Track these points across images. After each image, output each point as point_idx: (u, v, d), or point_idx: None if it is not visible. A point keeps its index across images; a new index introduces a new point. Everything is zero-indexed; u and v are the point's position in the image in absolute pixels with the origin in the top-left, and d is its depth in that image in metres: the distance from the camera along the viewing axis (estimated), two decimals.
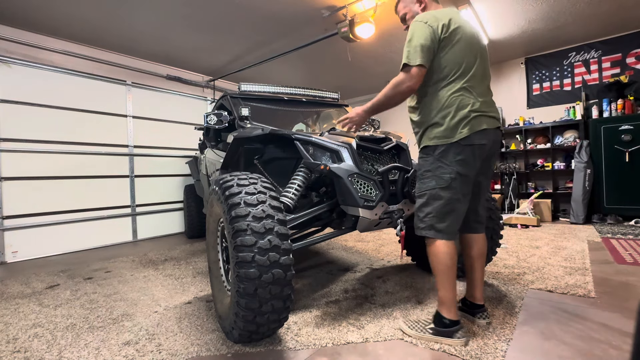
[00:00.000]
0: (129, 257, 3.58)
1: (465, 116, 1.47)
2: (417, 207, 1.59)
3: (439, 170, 1.51)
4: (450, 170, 1.49)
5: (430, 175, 1.53)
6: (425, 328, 1.56)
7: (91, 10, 3.51)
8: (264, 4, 3.49)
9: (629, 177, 4.24)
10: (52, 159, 3.96)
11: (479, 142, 1.50)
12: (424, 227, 1.55)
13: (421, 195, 1.57)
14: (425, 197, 1.54)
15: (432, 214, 1.52)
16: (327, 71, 5.77)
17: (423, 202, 1.56)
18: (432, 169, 1.53)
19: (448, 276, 1.50)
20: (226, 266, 1.78)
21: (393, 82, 1.52)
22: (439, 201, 1.51)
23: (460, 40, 1.51)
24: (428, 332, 1.53)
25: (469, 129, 1.47)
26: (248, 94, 2.99)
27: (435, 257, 1.53)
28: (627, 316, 1.70)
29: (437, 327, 1.52)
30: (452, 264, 1.50)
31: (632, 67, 4.65)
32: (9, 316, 2.05)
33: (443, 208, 1.51)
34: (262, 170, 2.31)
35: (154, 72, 4.98)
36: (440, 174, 1.51)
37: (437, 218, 1.52)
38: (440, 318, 1.52)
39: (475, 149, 1.50)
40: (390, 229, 4.28)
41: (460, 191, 1.51)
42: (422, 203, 1.56)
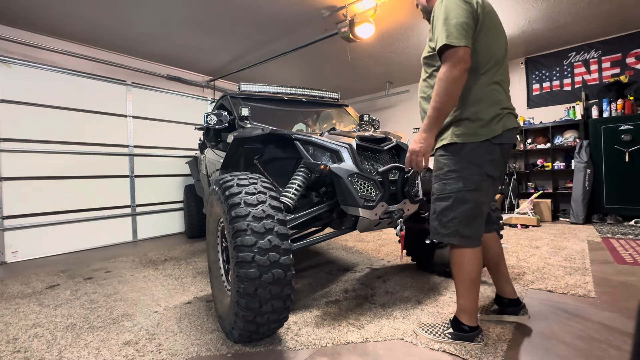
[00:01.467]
0: (129, 257, 3.58)
1: (498, 113, 1.36)
2: (439, 211, 1.43)
3: (466, 170, 1.37)
4: (480, 171, 1.37)
5: (456, 176, 1.38)
6: (443, 333, 1.50)
7: (91, 10, 3.51)
8: (264, 4, 3.49)
9: (629, 177, 4.24)
10: (52, 159, 3.96)
11: (509, 141, 1.40)
12: (448, 233, 1.41)
13: (444, 197, 1.42)
14: (450, 200, 1.39)
15: (458, 219, 1.39)
16: (327, 71, 5.77)
17: (447, 205, 1.40)
18: (458, 169, 1.38)
19: (472, 287, 1.43)
20: (226, 266, 1.78)
21: (442, 76, 1.28)
22: (467, 205, 1.38)
23: (491, 27, 1.37)
24: (447, 337, 1.48)
25: (502, 127, 1.36)
26: (248, 94, 2.99)
27: (460, 266, 1.43)
28: (627, 316, 1.70)
29: (457, 333, 1.47)
30: (477, 274, 1.42)
31: (632, 67, 4.65)
32: (9, 316, 2.05)
33: (471, 212, 1.38)
34: (262, 170, 2.31)
35: (154, 72, 4.98)
36: (468, 174, 1.37)
37: (463, 223, 1.39)
38: (459, 324, 1.47)
39: (504, 148, 1.41)
40: (390, 229, 4.28)
41: (487, 193, 1.42)
42: (445, 206, 1.41)
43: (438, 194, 1.45)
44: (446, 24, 1.28)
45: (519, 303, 1.66)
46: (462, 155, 1.38)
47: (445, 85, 1.27)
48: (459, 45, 1.25)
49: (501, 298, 1.70)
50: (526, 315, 1.65)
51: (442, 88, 1.28)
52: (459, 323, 1.48)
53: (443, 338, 1.49)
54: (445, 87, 1.28)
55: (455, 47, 1.26)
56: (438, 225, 1.45)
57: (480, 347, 1.45)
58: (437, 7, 1.35)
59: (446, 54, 1.28)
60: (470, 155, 1.37)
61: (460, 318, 1.48)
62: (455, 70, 1.26)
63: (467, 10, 1.29)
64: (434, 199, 1.47)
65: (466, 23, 1.28)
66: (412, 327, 1.62)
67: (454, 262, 1.47)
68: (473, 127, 1.36)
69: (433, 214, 1.48)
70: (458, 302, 1.49)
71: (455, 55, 1.26)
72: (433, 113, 1.32)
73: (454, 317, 1.52)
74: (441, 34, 1.28)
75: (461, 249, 1.43)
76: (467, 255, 1.42)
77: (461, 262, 1.43)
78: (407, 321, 1.75)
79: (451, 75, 1.26)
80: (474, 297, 1.45)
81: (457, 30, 1.26)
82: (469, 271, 1.42)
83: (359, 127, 3.09)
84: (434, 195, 1.48)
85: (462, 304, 1.47)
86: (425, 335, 1.54)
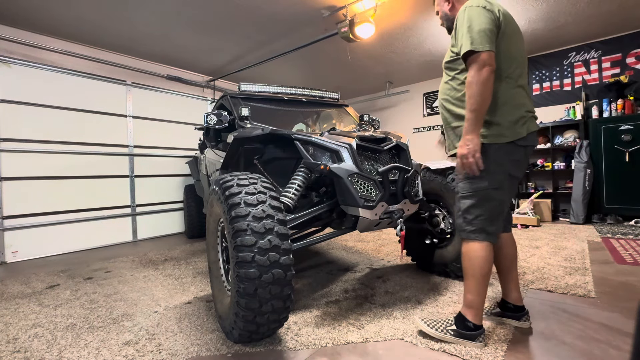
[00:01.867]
0: (129, 257, 3.58)
1: (523, 116, 1.44)
2: (464, 209, 1.49)
3: (491, 170, 1.43)
4: (504, 170, 1.44)
5: (483, 174, 1.43)
6: (446, 329, 1.51)
7: (91, 11, 3.51)
8: (264, 4, 3.49)
9: (629, 177, 4.24)
10: (52, 159, 3.96)
11: (532, 143, 1.48)
12: (474, 229, 1.46)
13: (469, 195, 1.47)
14: (476, 198, 1.45)
15: (484, 217, 1.45)
16: (327, 71, 5.77)
17: (472, 203, 1.46)
18: (484, 169, 1.43)
19: (483, 282, 1.46)
20: (226, 266, 1.78)
21: (472, 79, 1.35)
22: (492, 203, 1.45)
23: (513, 33, 1.44)
24: (449, 334, 1.50)
25: (526, 130, 1.44)
26: (248, 94, 2.99)
27: (473, 261, 1.46)
28: (627, 316, 1.70)
29: (460, 330, 1.48)
30: (489, 269, 1.47)
31: (632, 67, 4.65)
32: (9, 316, 2.05)
33: (495, 210, 1.45)
34: (262, 170, 2.31)
35: (154, 72, 4.98)
36: (493, 174, 1.43)
37: (488, 221, 1.45)
38: (464, 321, 1.48)
39: (527, 150, 1.49)
40: (390, 229, 4.28)
41: (509, 192, 1.49)
42: (471, 204, 1.46)
43: (463, 192, 1.49)
44: (470, 31, 1.36)
45: (523, 309, 1.66)
46: (487, 156, 1.42)
47: (476, 87, 1.34)
48: (482, 50, 1.33)
49: (506, 303, 1.69)
50: (528, 322, 1.64)
51: (474, 90, 1.35)
52: (464, 320, 1.48)
53: (445, 334, 1.50)
54: (476, 89, 1.34)
55: (479, 52, 1.33)
56: (463, 223, 1.50)
57: (480, 347, 1.45)
58: (460, 15, 1.43)
59: (471, 59, 1.36)
60: (496, 155, 1.43)
61: (466, 314, 1.48)
62: (482, 72, 1.33)
63: (489, 17, 1.37)
64: (459, 197, 1.52)
65: (489, 30, 1.35)
66: (415, 321, 1.61)
67: (467, 257, 1.48)
68: (499, 129, 1.42)
69: (458, 212, 1.53)
70: (466, 297, 1.50)
71: (480, 59, 1.34)
72: (471, 115, 1.37)
73: (458, 314, 1.53)
74: (466, 41, 1.37)
75: (476, 244, 1.46)
76: (481, 250, 1.46)
77: (474, 257, 1.46)
78: (407, 321, 1.75)
79: (480, 77, 1.33)
80: (482, 292, 1.47)
81: (481, 37, 1.34)
82: (481, 265, 1.45)
83: (359, 127, 3.09)
84: (458, 193, 1.52)
85: (470, 300, 1.48)
86: (428, 328, 1.54)
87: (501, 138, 1.42)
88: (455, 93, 1.53)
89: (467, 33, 1.36)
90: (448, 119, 1.58)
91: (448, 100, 1.57)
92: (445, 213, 2.41)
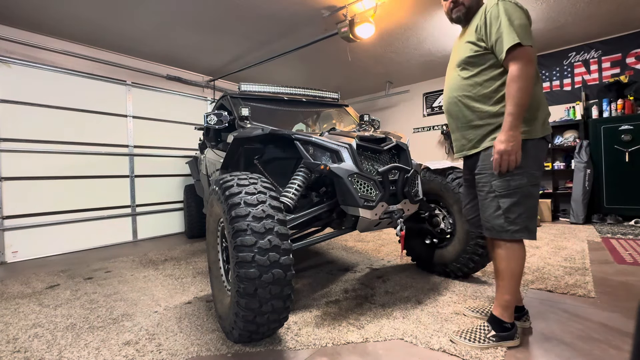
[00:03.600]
0: (129, 257, 3.58)
1: (548, 114, 1.49)
2: (505, 208, 1.42)
3: (529, 166, 1.41)
4: (539, 166, 1.45)
5: (522, 171, 1.40)
6: (487, 338, 1.46)
7: (91, 10, 3.51)
8: (264, 4, 3.49)
9: (629, 177, 4.24)
10: (52, 159, 3.96)
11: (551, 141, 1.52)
12: (518, 229, 1.42)
13: (509, 194, 1.41)
14: (517, 196, 1.41)
15: (526, 214, 1.42)
16: (327, 71, 5.77)
17: (514, 201, 1.41)
18: (522, 165, 1.39)
19: (520, 281, 1.46)
20: (226, 266, 1.78)
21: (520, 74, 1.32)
22: (531, 200, 1.43)
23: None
24: (492, 341, 1.46)
25: (550, 127, 1.49)
26: (248, 94, 2.99)
27: (516, 261, 1.45)
28: (627, 316, 1.70)
29: (500, 333, 1.46)
30: (523, 267, 1.48)
31: (632, 67, 4.65)
32: (9, 316, 2.05)
33: (535, 206, 1.44)
34: (262, 170, 2.31)
35: (154, 72, 4.98)
36: (531, 169, 1.42)
37: (529, 218, 1.43)
38: (501, 323, 1.47)
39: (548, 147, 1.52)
40: (390, 229, 4.28)
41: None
42: (512, 203, 1.41)
43: (501, 191, 1.43)
44: (512, 25, 1.34)
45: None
46: (525, 151, 1.40)
47: (524, 82, 1.32)
48: (527, 44, 1.32)
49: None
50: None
51: (520, 85, 1.32)
52: (501, 322, 1.47)
53: (488, 343, 1.45)
54: (523, 84, 1.32)
55: (526, 46, 1.32)
56: (505, 223, 1.43)
57: (517, 343, 1.46)
58: (492, 9, 1.40)
59: (517, 53, 1.33)
60: (533, 151, 1.42)
61: (503, 317, 1.47)
62: (530, 67, 1.33)
63: (525, 14, 1.38)
64: (494, 197, 1.45)
65: (528, 25, 1.36)
66: (452, 338, 1.52)
67: (508, 257, 1.46)
68: (535, 124, 1.42)
69: (495, 212, 1.45)
70: (502, 298, 1.48)
71: (527, 54, 1.33)
72: (516, 110, 1.34)
73: (493, 317, 1.50)
74: (509, 34, 1.33)
75: (515, 244, 1.45)
76: (521, 249, 1.45)
77: (517, 257, 1.45)
78: (407, 321, 1.75)
79: (528, 72, 1.32)
80: (518, 291, 1.49)
81: (524, 31, 1.33)
82: (520, 265, 1.45)
83: (359, 127, 3.08)
84: (493, 192, 1.45)
85: (507, 300, 1.46)
86: (469, 343, 1.46)
87: (537, 134, 1.42)
88: (481, 89, 1.47)
89: (510, 27, 1.33)
90: (469, 117, 1.52)
91: (470, 97, 1.51)
92: (445, 213, 2.41)
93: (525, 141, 1.40)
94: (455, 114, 1.58)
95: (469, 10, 1.55)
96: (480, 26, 1.44)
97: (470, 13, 1.55)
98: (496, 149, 1.39)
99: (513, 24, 1.33)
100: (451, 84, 1.60)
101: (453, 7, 1.57)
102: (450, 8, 1.58)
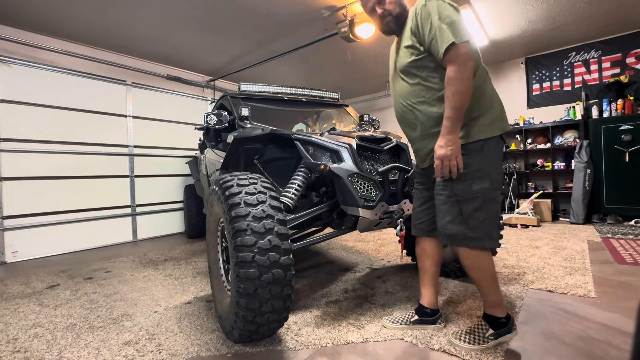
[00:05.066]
0: (129, 257, 3.58)
1: (503, 108, 1.42)
2: (467, 214, 1.34)
3: (491, 168, 1.35)
4: (500, 168, 1.39)
5: (482, 174, 1.34)
6: (485, 337, 1.44)
7: (91, 11, 3.51)
8: (264, 4, 3.49)
9: (629, 177, 4.24)
10: (52, 159, 3.96)
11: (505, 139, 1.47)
12: (480, 236, 1.35)
13: (470, 199, 1.34)
14: (479, 201, 1.33)
15: (489, 220, 1.35)
16: (327, 71, 5.77)
17: (476, 207, 1.33)
18: (483, 168, 1.34)
19: (496, 281, 1.44)
20: (226, 266, 1.78)
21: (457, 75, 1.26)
22: (494, 204, 1.36)
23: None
24: (491, 340, 1.44)
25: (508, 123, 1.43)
26: (248, 94, 2.99)
27: (482, 270, 1.40)
28: (627, 316, 1.70)
29: (497, 330, 1.45)
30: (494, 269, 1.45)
31: (632, 67, 4.65)
32: (9, 316, 2.05)
33: (497, 212, 1.38)
34: (262, 170, 2.32)
35: (154, 72, 4.98)
36: (493, 172, 1.36)
37: (492, 224, 1.36)
38: (496, 320, 1.46)
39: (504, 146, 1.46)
40: (390, 229, 4.28)
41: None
42: (474, 208, 1.33)
43: (462, 196, 1.35)
44: (443, 23, 1.28)
45: (437, 312, 1.67)
46: (484, 153, 1.36)
47: (462, 83, 1.26)
48: (462, 41, 1.26)
49: (424, 308, 1.67)
50: (443, 324, 1.66)
51: (458, 87, 1.26)
52: (496, 319, 1.46)
53: (487, 342, 1.43)
54: (461, 85, 1.26)
55: (460, 44, 1.26)
56: (466, 229, 1.35)
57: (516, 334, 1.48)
58: (421, 10, 1.34)
59: (452, 54, 1.27)
60: (492, 151, 1.37)
61: (495, 314, 1.46)
62: (467, 66, 1.26)
63: (456, 9, 1.32)
64: (455, 201, 1.36)
65: (460, 21, 1.29)
66: (452, 341, 1.49)
67: (475, 266, 1.40)
68: (492, 123, 1.37)
69: (456, 218, 1.36)
70: (489, 300, 1.46)
71: (462, 52, 1.26)
72: (454, 113, 1.28)
73: (487, 316, 1.49)
74: (441, 34, 1.27)
75: (479, 251, 1.38)
76: (485, 256, 1.40)
77: (481, 265, 1.40)
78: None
79: (465, 73, 1.26)
80: (499, 289, 1.46)
81: (456, 28, 1.27)
82: (491, 267, 1.42)
83: (359, 127, 3.09)
84: (453, 197, 1.36)
85: (493, 301, 1.45)
86: (469, 346, 1.43)
87: (494, 131, 1.37)
88: (434, 93, 1.40)
89: (440, 26, 1.27)
90: (426, 123, 1.43)
91: (425, 102, 1.42)
92: None
93: (485, 141, 1.36)
94: (412, 122, 1.49)
95: (398, 18, 1.48)
96: (413, 29, 1.39)
97: (400, 20, 1.49)
98: (436, 155, 1.33)
99: (444, 22, 1.28)
100: (400, 91, 1.52)
101: (383, 20, 1.50)
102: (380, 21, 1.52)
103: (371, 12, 1.55)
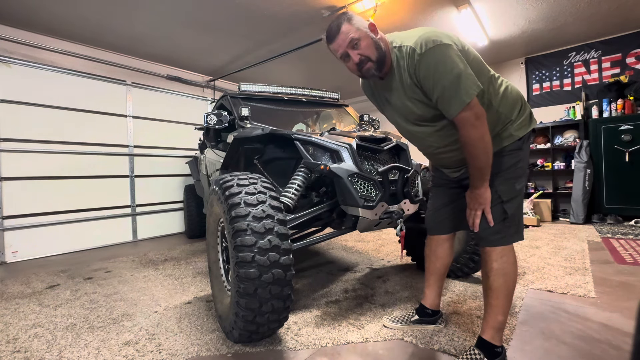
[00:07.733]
0: (129, 257, 3.58)
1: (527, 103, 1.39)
2: (512, 213, 1.29)
3: (526, 163, 1.35)
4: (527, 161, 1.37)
5: (523, 172, 1.33)
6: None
7: (91, 10, 3.51)
8: (264, 3, 3.49)
9: (629, 177, 4.24)
10: (52, 159, 3.96)
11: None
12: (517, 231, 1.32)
13: (515, 198, 1.30)
14: (520, 198, 1.33)
15: (518, 216, 1.33)
16: (327, 71, 5.77)
17: (517, 204, 1.31)
18: (522, 165, 1.32)
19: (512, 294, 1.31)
20: (226, 266, 1.78)
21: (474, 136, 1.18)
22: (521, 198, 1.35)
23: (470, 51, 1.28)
24: None
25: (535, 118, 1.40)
26: (248, 94, 2.99)
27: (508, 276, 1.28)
28: (627, 316, 1.70)
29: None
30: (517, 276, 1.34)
31: (632, 67, 4.65)
32: (9, 316, 2.05)
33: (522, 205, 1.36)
34: (262, 170, 2.31)
35: (154, 72, 4.98)
36: (527, 166, 1.35)
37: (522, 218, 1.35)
38: (492, 348, 1.29)
39: None
40: (390, 229, 4.27)
41: None
42: (516, 206, 1.31)
43: (507, 197, 1.28)
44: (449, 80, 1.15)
45: (438, 313, 1.66)
46: (523, 150, 1.33)
47: (479, 144, 1.19)
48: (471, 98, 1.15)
49: (425, 309, 1.66)
50: (443, 324, 1.65)
51: (476, 149, 1.19)
52: (492, 347, 1.29)
53: None
54: (479, 147, 1.19)
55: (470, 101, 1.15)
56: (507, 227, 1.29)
57: None
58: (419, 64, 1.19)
59: (462, 117, 1.17)
60: (527, 146, 1.35)
61: (494, 340, 1.29)
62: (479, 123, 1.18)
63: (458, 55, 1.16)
64: (501, 203, 1.29)
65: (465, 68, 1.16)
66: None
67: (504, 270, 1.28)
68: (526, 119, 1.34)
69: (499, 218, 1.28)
70: (495, 320, 1.29)
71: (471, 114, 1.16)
72: (478, 173, 1.24)
73: (483, 342, 1.31)
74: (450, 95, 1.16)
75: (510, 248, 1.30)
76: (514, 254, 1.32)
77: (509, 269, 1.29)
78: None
79: (478, 133, 1.18)
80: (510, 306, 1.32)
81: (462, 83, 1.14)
82: (515, 273, 1.31)
83: (359, 127, 3.08)
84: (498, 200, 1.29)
85: (500, 322, 1.29)
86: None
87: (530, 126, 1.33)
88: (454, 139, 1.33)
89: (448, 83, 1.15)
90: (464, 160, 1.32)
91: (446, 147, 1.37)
92: None
93: (521, 139, 1.31)
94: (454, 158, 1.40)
95: (380, 63, 1.30)
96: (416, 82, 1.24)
97: (383, 64, 1.31)
98: (470, 206, 1.32)
99: (448, 80, 1.14)
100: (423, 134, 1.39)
101: (362, 67, 1.33)
102: (358, 68, 1.35)
103: (344, 58, 1.36)
